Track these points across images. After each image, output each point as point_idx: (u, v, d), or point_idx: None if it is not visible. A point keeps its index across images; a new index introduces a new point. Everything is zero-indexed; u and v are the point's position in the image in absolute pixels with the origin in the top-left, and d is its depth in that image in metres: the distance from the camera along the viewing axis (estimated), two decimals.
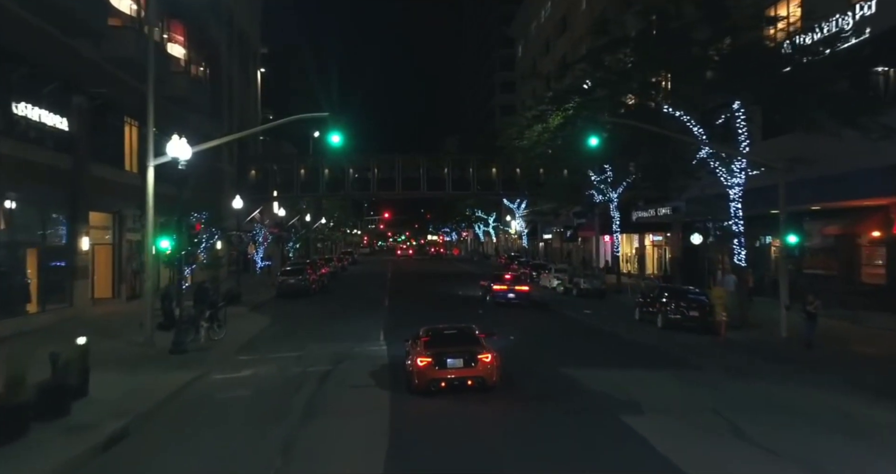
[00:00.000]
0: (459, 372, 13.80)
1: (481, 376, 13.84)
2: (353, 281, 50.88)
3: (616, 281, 38.90)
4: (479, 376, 13.83)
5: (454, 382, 13.77)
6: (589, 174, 38.09)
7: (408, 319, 23.78)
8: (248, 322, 26.19)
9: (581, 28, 62.79)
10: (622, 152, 28.14)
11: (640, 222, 41.63)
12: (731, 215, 23.96)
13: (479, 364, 13.85)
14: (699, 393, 14.59)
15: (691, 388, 15.13)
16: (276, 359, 18.78)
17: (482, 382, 13.86)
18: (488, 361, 13.91)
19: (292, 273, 36.31)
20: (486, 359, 13.90)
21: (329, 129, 20.79)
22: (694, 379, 15.98)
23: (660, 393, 14.67)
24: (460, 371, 13.81)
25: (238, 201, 32.58)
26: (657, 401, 13.67)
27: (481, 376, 13.84)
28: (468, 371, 13.82)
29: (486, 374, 13.86)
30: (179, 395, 14.56)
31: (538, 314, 29.32)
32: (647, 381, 15.72)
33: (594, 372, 16.48)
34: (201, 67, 42.98)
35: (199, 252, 23.84)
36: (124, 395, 14.11)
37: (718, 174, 24.01)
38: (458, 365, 13.82)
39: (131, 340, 20.48)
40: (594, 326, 25.65)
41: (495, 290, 32.48)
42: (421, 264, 76.88)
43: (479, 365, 13.84)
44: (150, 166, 20.31)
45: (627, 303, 32.80)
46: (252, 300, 33.10)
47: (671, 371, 16.98)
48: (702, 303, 24.00)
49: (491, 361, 13.95)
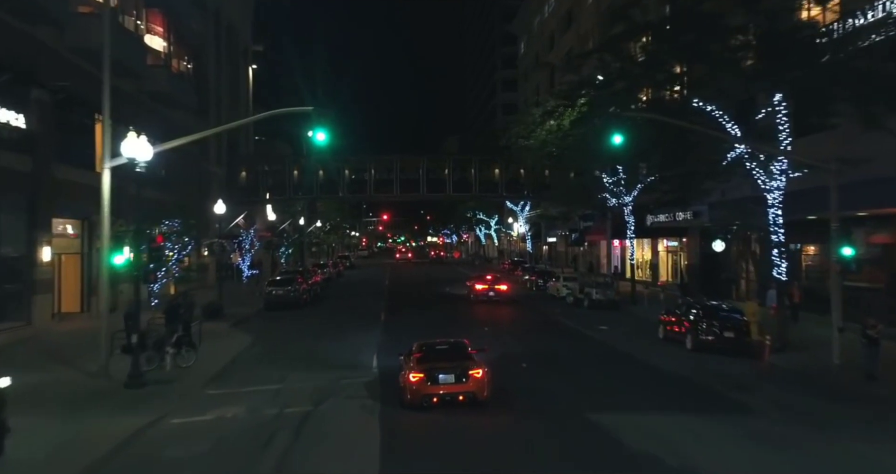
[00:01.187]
0: (451, 387, 14.15)
1: (472, 391, 14.18)
2: (348, 288, 48.05)
3: (630, 289, 36.05)
4: (471, 391, 14.18)
5: (446, 397, 14.16)
6: (601, 176, 35.28)
7: (406, 337, 20.96)
8: (226, 342, 23.43)
9: (588, 22, 60.15)
10: (641, 152, 25.28)
11: (654, 227, 38.85)
12: (770, 223, 21.18)
13: (470, 379, 14.17)
14: (776, 459, 11.37)
15: (760, 448, 11.92)
16: (249, 395, 16.04)
17: (473, 397, 14.19)
18: (479, 376, 14.22)
19: (280, 283, 33.53)
20: (477, 375, 14.21)
21: (314, 126, 18.03)
22: (758, 432, 12.79)
23: (723, 455, 11.59)
24: (452, 386, 14.16)
25: (220, 206, 29.76)
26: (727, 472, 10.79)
27: (472, 391, 14.18)
28: (459, 386, 14.17)
29: (476, 389, 14.20)
30: (121, 452, 11.79)
31: (552, 334, 26.46)
32: (698, 434, 12.71)
33: (627, 418, 13.65)
34: (185, 62, 40.27)
35: (170, 266, 21.11)
36: (51, 453, 11.38)
37: (755, 176, 21.25)
38: (450, 381, 14.17)
39: (86, 368, 17.73)
40: (614, 347, 22.81)
41: (478, 291, 36.92)
42: (420, 269, 74.02)
43: (470, 380, 14.16)
44: (107, 168, 17.59)
45: (645, 317, 30.08)
46: (236, 313, 30.35)
47: (723, 416, 13.97)
48: (737, 321, 21.23)
49: (482, 376, 14.25)
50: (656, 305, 31.96)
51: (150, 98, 34.74)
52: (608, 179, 35.17)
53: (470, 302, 36.39)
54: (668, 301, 31.46)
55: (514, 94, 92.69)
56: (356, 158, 56.00)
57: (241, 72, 58.57)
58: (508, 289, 37.22)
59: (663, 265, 44.48)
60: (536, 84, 78.42)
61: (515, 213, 65.20)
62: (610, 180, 35.14)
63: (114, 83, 31.40)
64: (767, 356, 19.98)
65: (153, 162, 17.15)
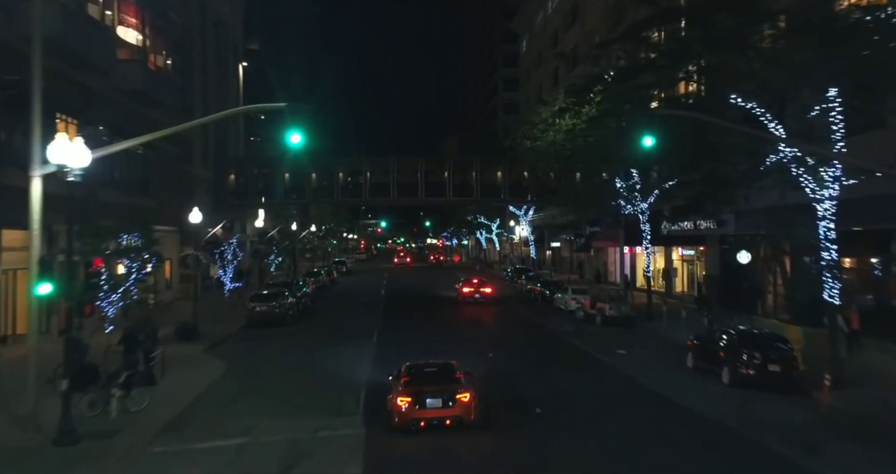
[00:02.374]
0: (438, 411, 14.24)
1: (459, 415, 14.27)
2: (342, 299, 45.08)
3: (646, 302, 33.02)
4: (457, 415, 14.26)
5: (433, 422, 14.25)
6: (615, 180, 32.39)
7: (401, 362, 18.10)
8: (194, 371, 20.52)
9: (594, 18, 57.34)
10: (667, 155, 22.33)
11: (671, 235, 35.97)
12: (820, 237, 18.30)
13: (457, 404, 14.24)
14: None
15: None
16: (204, 455, 13.14)
17: (460, 421, 14.25)
18: (466, 401, 14.30)
19: (264, 299, 30.56)
20: (464, 399, 14.29)
21: (289, 127, 15.16)
22: None
23: None
24: (439, 411, 14.24)
25: (196, 214, 26.83)
26: None
27: (459, 415, 14.27)
28: (446, 411, 14.25)
29: (463, 413, 14.30)
30: None
31: (565, 362, 23.48)
32: None
33: None
34: (165, 57, 37.38)
35: (127, 286, 18.23)
36: None
37: (803, 184, 18.38)
38: (437, 405, 14.24)
39: (17, 411, 14.82)
40: (638, 381, 19.81)
41: (465, 293, 40.91)
42: (419, 275, 71.07)
43: (457, 404, 14.24)
44: (36, 177, 14.63)
45: (665, 336, 27.23)
46: (214, 333, 27.47)
47: None
48: (783, 352, 18.31)
49: (469, 401, 14.33)
50: (676, 322, 29.12)
51: (125, 96, 31.84)
52: (622, 184, 32.27)
53: (470, 320, 33.60)
54: (692, 319, 28.60)
55: (515, 93, 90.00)
56: (351, 160, 53.16)
57: (230, 69, 55.68)
58: (492, 292, 41.54)
59: (678, 274, 41.54)
60: (539, 83, 75.62)
61: (518, 217, 62.20)
62: (623, 185, 32.24)
63: (80, 79, 28.85)
64: (825, 396, 17.07)
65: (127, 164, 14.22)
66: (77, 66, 26.76)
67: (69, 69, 26.36)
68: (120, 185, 32.24)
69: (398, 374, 15.49)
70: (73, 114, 27.10)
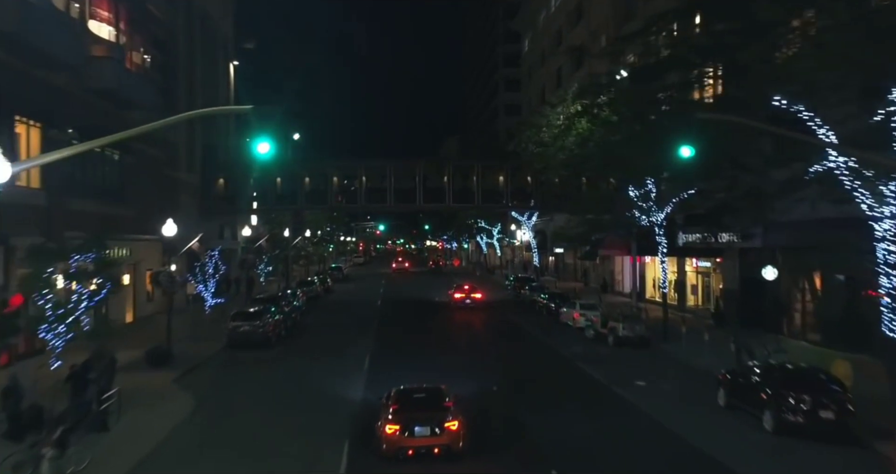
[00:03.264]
0: (426, 440, 14.15)
1: (447, 444, 14.16)
2: (334, 311, 42.48)
3: (661, 317, 30.37)
4: (445, 444, 14.15)
5: (421, 450, 14.14)
6: (627, 189, 29.88)
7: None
8: (158, 411, 17.98)
9: (600, 16, 54.80)
10: (705, 165, 19.76)
11: (686, 247, 33.46)
12: (880, 261, 15.77)
13: (445, 432, 14.14)
14: None
15: None
16: None
17: (448, 449, 14.13)
18: (455, 429, 14.21)
19: (248, 317, 27.94)
20: (452, 428, 14.21)
21: (257, 135, 12.69)
22: None
23: None
24: (427, 439, 14.16)
25: (170, 227, 24.22)
26: None
27: (447, 444, 14.16)
28: (435, 439, 14.16)
29: (452, 442, 14.18)
30: None
31: (576, 395, 20.95)
32: None
33: None
34: (143, 54, 34.85)
35: (77, 316, 15.69)
36: None
37: (859, 199, 15.85)
38: (426, 434, 14.16)
39: None
40: (662, 424, 17.23)
41: (457, 299, 43.24)
42: (418, 281, 68.54)
43: (445, 433, 14.14)
44: None
45: (686, 361, 24.75)
46: (190, 356, 25.00)
47: None
48: (836, 395, 15.79)
49: (457, 429, 14.24)
50: (695, 344, 26.64)
51: (98, 97, 29.27)
52: (635, 192, 29.71)
53: (471, 339, 31.12)
54: (715, 340, 26.09)
55: (516, 93, 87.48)
56: (346, 164, 50.69)
57: (219, 68, 53.12)
58: (482, 298, 43.88)
59: (692, 287, 38.96)
60: (542, 83, 73.07)
61: (520, 221, 59.58)
62: (637, 194, 29.68)
63: (44, 78, 26.40)
64: (893, 451, 14.52)
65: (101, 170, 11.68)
66: (40, 63, 24.24)
67: (30, 67, 23.86)
68: (92, 193, 29.76)
69: (388, 399, 15.42)
70: (35, 116, 24.58)
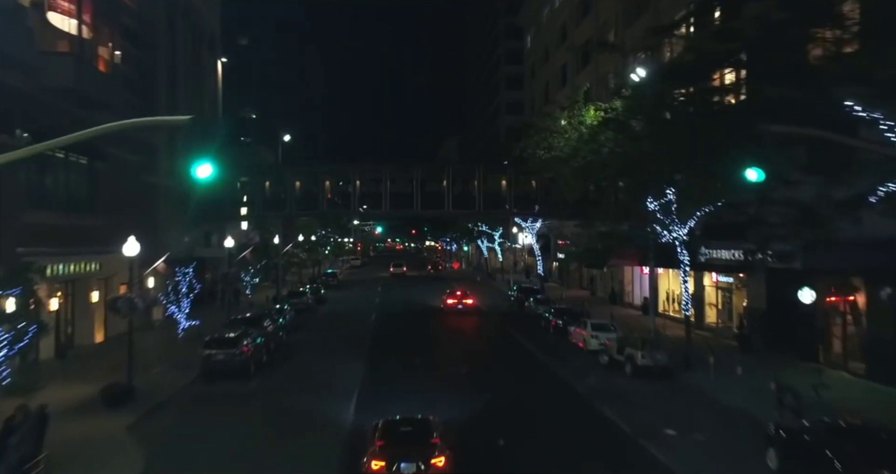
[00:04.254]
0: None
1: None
2: (326, 326, 39.60)
3: (683, 339, 27.38)
4: None
5: None
6: (645, 200, 26.93)
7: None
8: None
9: (608, 11, 51.77)
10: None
11: (708, 263, 30.53)
12: None
13: (430, 468, 13.72)
14: None
15: None
16: None
17: None
18: (442, 465, 13.81)
19: (223, 343, 24.91)
20: (439, 464, 13.80)
21: (198, 156, 9.79)
22: None
23: None
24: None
25: (132, 245, 21.25)
26: None
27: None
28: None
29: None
30: None
31: (590, 447, 18.07)
32: None
33: None
34: (112, 49, 31.86)
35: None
36: None
37: None
38: (412, 471, 13.67)
39: None
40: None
41: (449, 304, 46.17)
42: (417, 287, 65.61)
43: (431, 469, 13.72)
44: None
45: (716, 398, 21.83)
46: (154, 391, 22.10)
47: None
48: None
49: (444, 465, 13.84)
50: (724, 370, 23.84)
51: (57, 96, 26.29)
52: (655, 204, 26.75)
53: (473, 366, 28.25)
54: (746, 368, 23.19)
55: (519, 92, 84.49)
56: (339, 168, 47.83)
57: (205, 65, 50.11)
58: (473, 303, 46.90)
59: (713, 304, 35.92)
60: (546, 80, 70.06)
61: (522, 227, 56.55)
62: (657, 205, 26.72)
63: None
64: None
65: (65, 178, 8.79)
66: None
67: None
68: (54, 203, 26.89)
69: (374, 429, 15.04)
70: None
